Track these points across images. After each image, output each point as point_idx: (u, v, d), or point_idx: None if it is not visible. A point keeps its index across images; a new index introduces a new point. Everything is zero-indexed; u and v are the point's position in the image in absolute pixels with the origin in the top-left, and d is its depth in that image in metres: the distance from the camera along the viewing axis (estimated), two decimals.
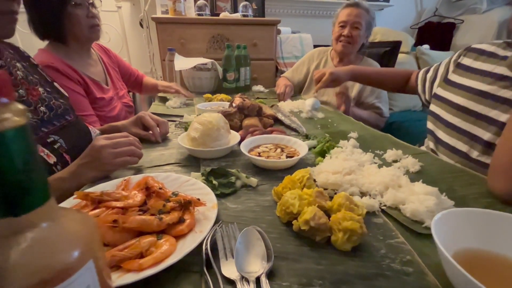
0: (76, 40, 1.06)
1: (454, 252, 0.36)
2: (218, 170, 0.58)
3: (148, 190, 0.49)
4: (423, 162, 0.67)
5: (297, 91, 1.63)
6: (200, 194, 0.50)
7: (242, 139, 0.77)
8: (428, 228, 0.44)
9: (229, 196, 0.54)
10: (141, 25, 2.07)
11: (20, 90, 0.66)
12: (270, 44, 1.86)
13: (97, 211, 0.43)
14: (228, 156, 0.72)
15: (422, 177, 0.61)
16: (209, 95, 1.38)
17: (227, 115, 0.88)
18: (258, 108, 0.92)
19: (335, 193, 0.54)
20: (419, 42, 2.50)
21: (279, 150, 0.71)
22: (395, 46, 1.50)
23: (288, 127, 0.96)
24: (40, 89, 0.73)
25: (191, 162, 0.69)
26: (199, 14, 1.78)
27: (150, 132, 0.82)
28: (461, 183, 0.60)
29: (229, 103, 1.05)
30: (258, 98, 1.48)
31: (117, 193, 0.46)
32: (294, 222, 0.43)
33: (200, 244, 0.39)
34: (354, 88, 1.41)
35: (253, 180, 0.57)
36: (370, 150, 0.76)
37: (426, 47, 2.20)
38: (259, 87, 1.69)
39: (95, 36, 1.10)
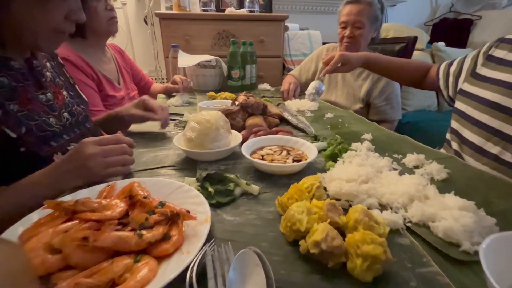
0: (95, 33, 1.04)
1: None
2: (214, 175, 0.51)
3: (132, 199, 0.42)
4: (449, 169, 0.58)
5: (305, 89, 1.54)
6: (193, 204, 0.43)
7: (244, 140, 0.70)
8: (468, 253, 0.35)
9: (226, 206, 0.47)
10: (146, 22, 2.02)
11: (48, 94, 0.63)
12: (277, 40, 1.78)
13: (68, 224, 0.36)
14: (229, 158, 0.64)
15: (451, 186, 0.52)
16: (212, 93, 1.31)
17: (229, 113, 0.81)
18: (263, 107, 0.84)
19: (350, 205, 0.46)
20: (433, 39, 2.38)
21: (285, 152, 0.63)
22: (410, 42, 1.40)
23: (295, 127, 0.88)
24: (65, 92, 0.70)
25: (187, 165, 0.62)
26: (204, 10, 1.71)
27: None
28: (497, 194, 0.51)
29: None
30: (264, 96, 1.40)
31: (95, 202, 0.39)
32: (301, 242, 0.35)
33: (187, 269, 0.31)
34: (363, 88, 1.32)
35: (255, 188, 0.49)
36: (387, 154, 0.67)
37: (441, 44, 2.07)
38: (265, 86, 1.61)
39: (113, 28, 1.08)
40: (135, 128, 0.86)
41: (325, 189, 0.50)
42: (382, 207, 0.45)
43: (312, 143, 0.73)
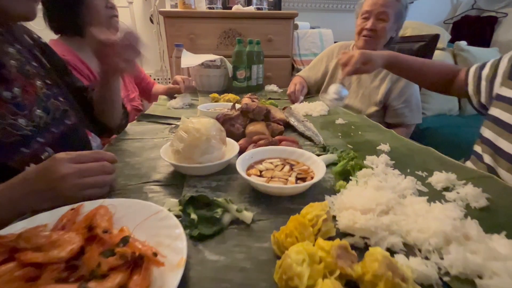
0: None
1: None
2: (200, 198, 0.42)
3: (91, 232, 0.33)
4: (489, 192, 0.47)
5: (314, 91, 1.44)
6: (167, 237, 0.35)
7: (242, 150, 0.61)
8: None
9: (210, 239, 0.38)
10: (152, 21, 1.96)
11: (15, 89, 0.53)
12: (286, 39, 1.68)
13: (1, 269, 0.28)
14: (223, 172, 0.56)
15: (494, 218, 0.41)
16: (215, 95, 1.23)
17: (227, 119, 0.72)
18: (265, 112, 0.75)
19: (366, 244, 0.36)
20: (454, 38, 2.21)
21: (287, 167, 0.53)
22: (432, 41, 1.27)
23: (302, 135, 0.78)
24: (38, 82, 0.58)
25: (175, 180, 0.53)
26: (210, 8, 1.63)
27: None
28: None
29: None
30: (270, 99, 1.31)
31: (43, 237, 0.31)
32: None
33: None
34: (381, 89, 1.20)
35: (247, 215, 0.40)
36: (408, 171, 0.57)
37: (464, 43, 1.91)
38: (272, 87, 1.52)
39: (113, 27, 1.01)
40: (131, 129, 0.78)
41: (334, 218, 0.40)
42: (408, 249, 0.35)
43: (320, 154, 0.63)
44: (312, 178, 0.50)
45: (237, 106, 0.92)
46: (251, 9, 1.66)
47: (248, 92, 1.41)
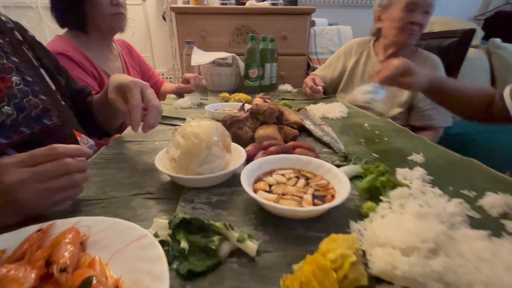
0: (97, 29, 0.94)
1: None
2: (194, 221, 0.34)
3: (49, 267, 0.26)
4: None
5: (330, 91, 1.33)
6: (147, 275, 0.27)
7: (249, 158, 0.52)
8: None
9: (203, 277, 0.29)
10: (164, 18, 1.92)
11: None
12: (302, 36, 1.58)
13: None
14: (226, 183, 0.47)
15: None
16: (225, 94, 1.15)
17: (234, 121, 0.64)
18: (277, 113, 0.66)
19: None
20: (486, 35, 2.02)
21: (302, 181, 0.44)
22: (465, 36, 1.12)
23: (319, 140, 0.68)
24: (15, 77, 0.52)
25: (170, 192, 0.46)
26: (223, 4, 1.56)
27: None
28: None
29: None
30: (283, 99, 1.22)
31: None
32: None
33: None
34: (404, 93, 1.08)
35: (251, 247, 0.32)
36: (451, 189, 0.46)
37: (499, 40, 1.73)
38: (286, 86, 1.42)
39: (118, 25, 0.97)
40: (128, 133, 0.72)
41: (363, 254, 0.31)
42: None
43: (341, 165, 0.53)
44: (332, 197, 0.40)
45: (247, 106, 0.83)
46: (265, 4, 1.57)
47: (260, 91, 1.32)
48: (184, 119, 0.82)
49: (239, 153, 0.52)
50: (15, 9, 1.82)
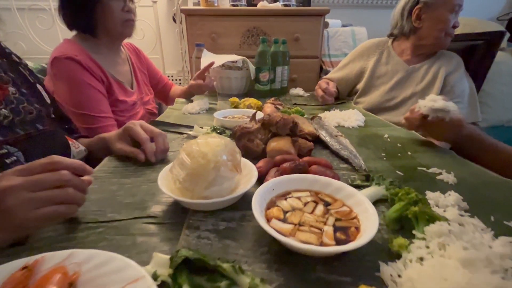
0: (107, 34, 0.92)
1: None
2: (197, 261, 0.29)
3: None
4: None
5: (345, 95, 1.27)
6: None
7: (261, 175, 0.48)
8: None
9: None
10: (175, 20, 1.89)
11: None
12: (315, 38, 1.51)
13: None
14: (235, 206, 0.43)
15: None
16: (235, 99, 1.11)
17: (245, 133, 0.59)
18: (291, 125, 0.61)
19: None
20: (510, 37, 1.89)
21: (321, 207, 0.39)
22: (494, 39, 1.04)
23: (336, 154, 0.63)
24: (11, 88, 0.56)
25: (175, 214, 0.41)
26: (234, 5, 1.51)
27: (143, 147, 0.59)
28: None
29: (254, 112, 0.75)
30: (295, 104, 1.16)
31: None
32: None
33: None
34: (434, 88, 1.03)
35: None
36: (493, 219, 0.40)
37: None
38: (298, 90, 1.37)
39: (127, 32, 0.95)
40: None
41: None
42: None
43: (362, 185, 0.48)
44: (357, 229, 0.35)
45: (259, 114, 0.79)
46: (277, 5, 1.51)
47: (271, 96, 1.28)
48: (192, 127, 0.78)
49: (249, 170, 0.47)
50: (29, 11, 1.83)
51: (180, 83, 2.13)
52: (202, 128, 0.77)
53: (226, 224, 0.39)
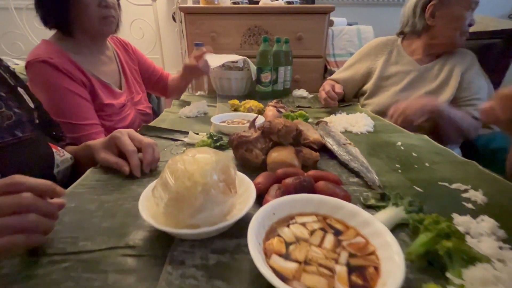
0: (84, 32, 0.83)
1: None
2: None
3: None
4: None
5: (351, 97, 1.19)
6: None
7: (260, 193, 0.41)
8: None
9: None
10: (174, 19, 1.83)
11: None
12: (319, 37, 1.44)
13: None
14: (228, 233, 0.36)
15: None
16: (235, 101, 1.04)
17: (243, 142, 0.53)
18: (295, 133, 0.54)
19: None
20: None
21: (331, 237, 0.32)
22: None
23: (345, 165, 0.56)
24: None
25: (157, 244, 0.35)
26: (234, 3, 1.44)
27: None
28: None
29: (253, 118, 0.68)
30: (298, 106, 1.09)
31: None
32: None
33: None
34: (449, 86, 0.96)
35: None
36: None
37: None
38: (301, 92, 1.30)
39: (107, 29, 0.85)
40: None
41: None
42: None
43: (376, 206, 0.41)
44: (376, 270, 0.28)
45: (260, 118, 0.72)
46: (280, 3, 1.44)
47: (273, 97, 1.20)
48: (186, 133, 0.71)
49: (246, 188, 0.41)
50: (26, 10, 1.79)
51: None
52: (197, 134, 0.70)
53: (217, 257, 0.32)
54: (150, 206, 0.36)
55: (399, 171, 0.54)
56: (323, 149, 0.62)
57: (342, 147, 0.59)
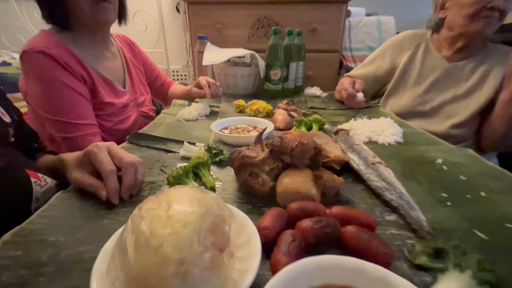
0: (81, 22, 0.73)
1: None
2: None
3: None
4: None
5: (370, 97, 1.05)
6: None
7: (268, 242, 0.30)
8: None
9: None
10: (178, 10, 1.70)
11: None
12: (335, 29, 1.28)
13: None
14: None
15: None
16: (241, 102, 0.92)
17: (247, 164, 0.40)
18: (313, 153, 0.41)
19: None
20: None
21: None
22: None
23: (377, 193, 0.43)
24: None
25: None
26: None
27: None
28: None
29: (261, 129, 0.56)
30: (312, 108, 0.96)
31: None
32: None
33: None
34: (486, 86, 0.83)
35: None
36: None
37: None
38: (314, 90, 1.16)
39: (103, 17, 0.74)
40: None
41: None
42: None
43: (430, 266, 0.29)
44: None
45: (269, 125, 0.59)
46: None
47: (283, 96, 1.07)
48: (181, 142, 0.60)
49: (248, 238, 0.29)
50: (26, 2, 1.69)
51: (185, 80, 1.95)
52: (194, 145, 0.59)
53: None
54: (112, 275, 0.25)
55: (448, 203, 0.41)
56: (345, 168, 0.50)
57: (371, 168, 0.46)
